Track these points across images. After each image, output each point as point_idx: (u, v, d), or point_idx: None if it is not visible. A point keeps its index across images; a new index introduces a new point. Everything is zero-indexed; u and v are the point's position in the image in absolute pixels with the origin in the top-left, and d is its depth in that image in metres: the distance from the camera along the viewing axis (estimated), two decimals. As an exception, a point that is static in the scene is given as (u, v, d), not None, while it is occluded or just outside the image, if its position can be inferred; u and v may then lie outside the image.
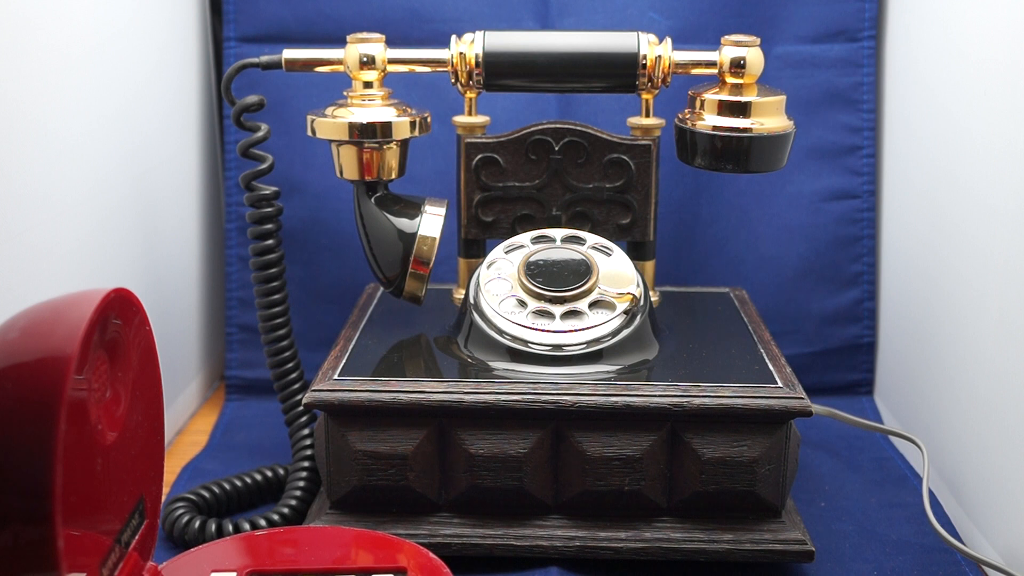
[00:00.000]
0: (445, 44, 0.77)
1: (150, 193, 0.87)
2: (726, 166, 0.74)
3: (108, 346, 0.54)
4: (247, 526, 0.73)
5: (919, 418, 0.89)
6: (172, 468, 0.85)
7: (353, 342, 0.77)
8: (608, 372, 0.71)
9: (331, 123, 0.75)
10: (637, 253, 0.80)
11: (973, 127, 0.78)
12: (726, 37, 0.75)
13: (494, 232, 0.80)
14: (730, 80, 0.75)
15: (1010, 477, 0.71)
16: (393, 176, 0.77)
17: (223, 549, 0.64)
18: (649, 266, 0.81)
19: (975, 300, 0.77)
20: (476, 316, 0.74)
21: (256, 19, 0.97)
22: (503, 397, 0.68)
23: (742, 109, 0.73)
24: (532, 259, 0.75)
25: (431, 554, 0.63)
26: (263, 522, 0.74)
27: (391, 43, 0.77)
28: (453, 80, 0.78)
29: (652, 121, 0.79)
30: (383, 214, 0.77)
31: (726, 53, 0.75)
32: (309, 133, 0.76)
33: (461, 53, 0.76)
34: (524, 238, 0.78)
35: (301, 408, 0.79)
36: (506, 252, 0.77)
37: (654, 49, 0.76)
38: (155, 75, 0.88)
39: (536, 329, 0.72)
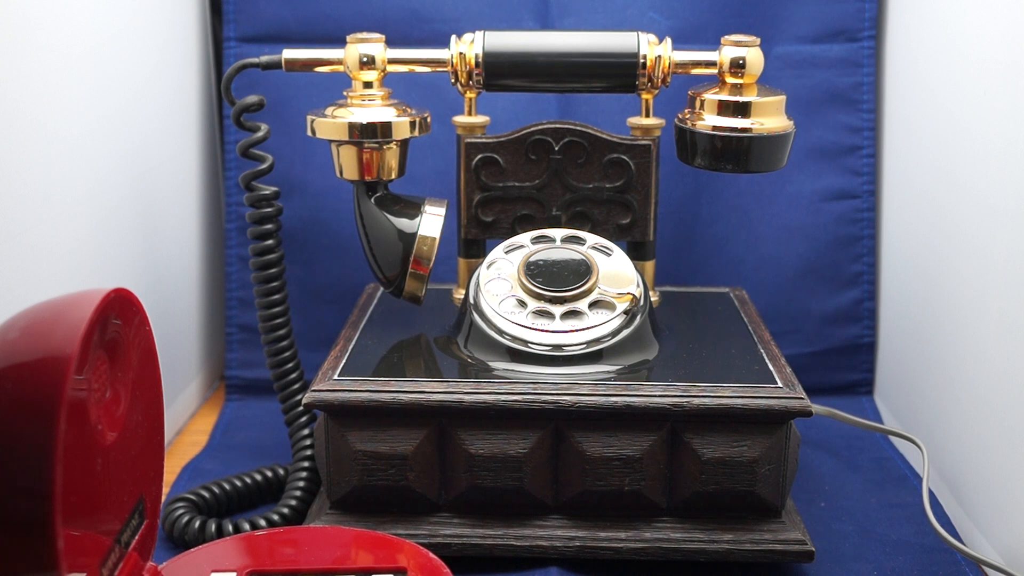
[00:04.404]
0: (445, 44, 0.77)
1: (150, 193, 0.87)
2: (726, 166, 0.74)
3: (108, 346, 0.54)
4: (247, 526, 0.73)
5: (919, 418, 0.88)
6: (172, 468, 0.85)
7: (353, 342, 0.76)
8: (608, 372, 0.71)
9: (331, 123, 0.75)
10: (637, 253, 0.80)
11: (973, 127, 0.78)
12: (726, 37, 0.75)
13: (494, 232, 0.80)
14: (730, 80, 0.75)
15: (1010, 477, 0.71)
16: (393, 176, 0.77)
17: (223, 549, 0.64)
18: (649, 266, 0.81)
19: (975, 300, 0.77)
20: (476, 316, 0.74)
21: (256, 19, 0.97)
22: (503, 397, 0.68)
23: (742, 109, 0.73)
24: (532, 259, 0.75)
25: (431, 554, 0.63)
26: (263, 522, 0.74)
27: (391, 43, 0.77)
28: (453, 80, 0.78)
29: (652, 121, 0.79)
30: (383, 214, 0.77)
31: (726, 53, 0.75)
32: (309, 133, 0.76)
33: (461, 53, 0.76)
34: (524, 238, 0.78)
35: (301, 408, 0.79)
36: (506, 252, 0.77)
37: (654, 49, 0.76)
38: (155, 75, 0.88)
39: (536, 329, 0.72)
